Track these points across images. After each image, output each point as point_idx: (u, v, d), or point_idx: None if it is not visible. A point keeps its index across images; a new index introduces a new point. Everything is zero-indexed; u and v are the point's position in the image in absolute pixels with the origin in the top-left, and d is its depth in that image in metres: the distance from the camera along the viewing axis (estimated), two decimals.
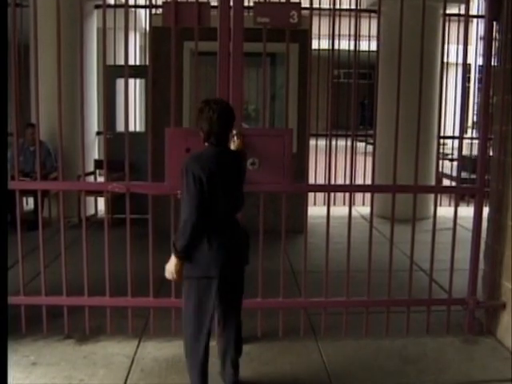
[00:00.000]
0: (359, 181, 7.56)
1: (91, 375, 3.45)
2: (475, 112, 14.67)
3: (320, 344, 3.87)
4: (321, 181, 7.95)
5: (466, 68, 3.99)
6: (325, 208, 3.95)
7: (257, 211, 3.73)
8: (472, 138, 10.68)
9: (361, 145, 8.76)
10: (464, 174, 7.39)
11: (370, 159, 4.19)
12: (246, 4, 3.86)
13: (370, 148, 8.63)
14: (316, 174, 8.24)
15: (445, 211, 4.01)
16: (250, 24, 3.69)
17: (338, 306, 3.99)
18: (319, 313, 3.98)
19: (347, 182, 4.00)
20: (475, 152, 4.74)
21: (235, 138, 3.62)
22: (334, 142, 8.00)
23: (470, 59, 9.09)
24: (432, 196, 4.56)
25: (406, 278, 4.00)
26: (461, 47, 3.89)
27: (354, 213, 3.96)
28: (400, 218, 4.05)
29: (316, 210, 6.68)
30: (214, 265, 2.93)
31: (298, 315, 3.97)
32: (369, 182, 4.02)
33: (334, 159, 4.19)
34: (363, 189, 4.43)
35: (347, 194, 4.06)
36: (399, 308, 4.03)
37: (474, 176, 4.19)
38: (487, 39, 3.93)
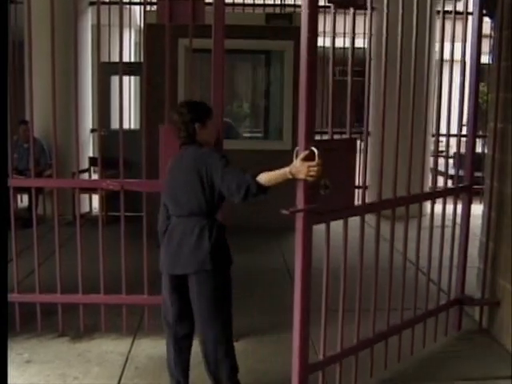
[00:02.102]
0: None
1: (85, 373, 3.45)
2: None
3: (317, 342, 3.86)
4: None
5: (464, 65, 3.98)
6: None
7: (253, 209, 3.69)
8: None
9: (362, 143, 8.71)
10: (461, 172, 7.35)
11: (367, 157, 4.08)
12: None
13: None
14: None
15: (437, 208, 3.96)
16: (247, 21, 3.68)
17: (367, 347, 3.43)
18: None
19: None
20: None
21: (317, 157, 2.64)
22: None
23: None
24: None
25: (406, 277, 3.83)
26: (456, 44, 3.87)
27: None
28: (396, 215, 3.98)
29: None
30: (162, 261, 3.00)
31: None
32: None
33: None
34: (389, 205, 3.61)
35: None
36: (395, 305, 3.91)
37: None
38: (477, 35, 3.95)
